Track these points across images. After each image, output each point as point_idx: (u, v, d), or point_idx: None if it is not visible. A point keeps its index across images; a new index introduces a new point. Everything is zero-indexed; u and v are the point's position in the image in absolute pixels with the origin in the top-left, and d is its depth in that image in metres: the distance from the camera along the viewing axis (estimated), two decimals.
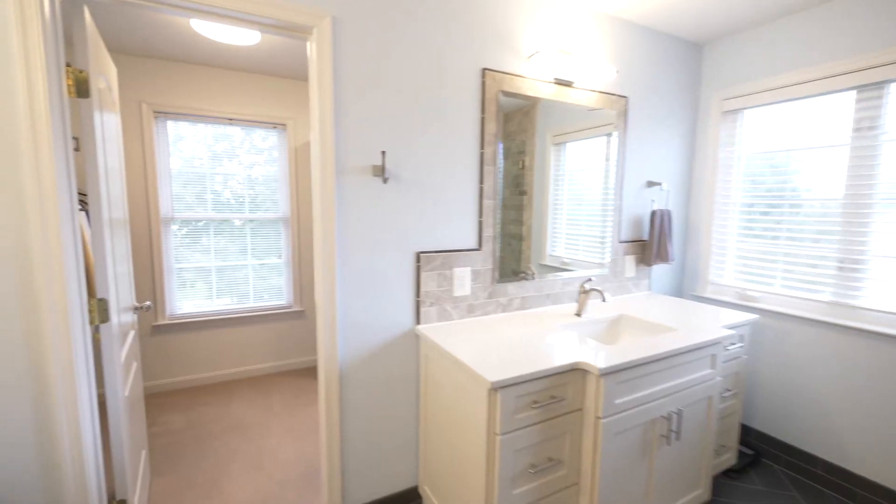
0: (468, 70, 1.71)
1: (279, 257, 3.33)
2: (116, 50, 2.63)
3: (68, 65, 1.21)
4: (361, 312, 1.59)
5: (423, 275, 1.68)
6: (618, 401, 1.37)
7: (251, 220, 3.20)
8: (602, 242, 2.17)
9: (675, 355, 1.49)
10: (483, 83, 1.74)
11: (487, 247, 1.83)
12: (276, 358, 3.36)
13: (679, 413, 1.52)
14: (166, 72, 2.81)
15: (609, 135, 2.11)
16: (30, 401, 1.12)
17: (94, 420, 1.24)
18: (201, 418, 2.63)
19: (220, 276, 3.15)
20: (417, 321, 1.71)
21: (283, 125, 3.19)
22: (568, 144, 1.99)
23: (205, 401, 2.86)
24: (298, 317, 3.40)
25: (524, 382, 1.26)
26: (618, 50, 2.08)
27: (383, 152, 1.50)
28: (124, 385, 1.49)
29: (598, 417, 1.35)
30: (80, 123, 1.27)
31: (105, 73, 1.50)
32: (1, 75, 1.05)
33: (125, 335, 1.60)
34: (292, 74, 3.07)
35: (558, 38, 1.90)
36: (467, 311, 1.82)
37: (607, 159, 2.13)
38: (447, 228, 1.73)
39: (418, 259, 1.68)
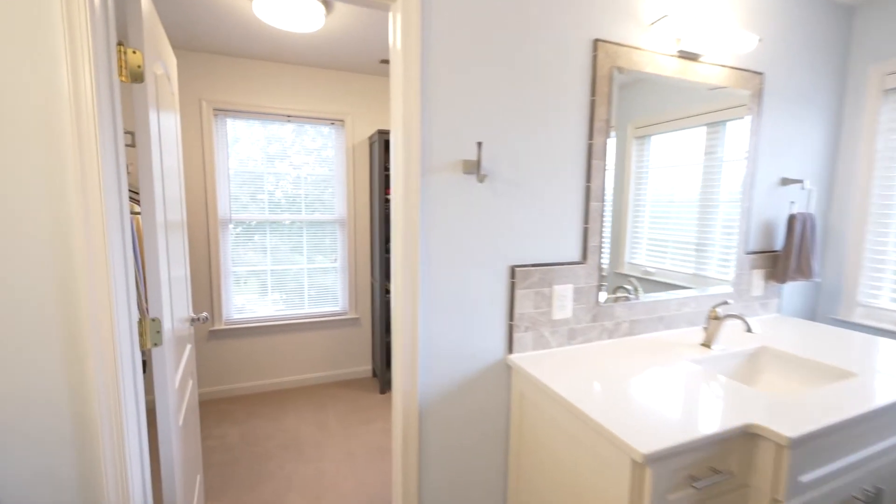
0: (576, 42, 1.38)
1: (334, 261, 3.16)
2: (174, 45, 2.54)
3: (120, 43, 1.02)
4: (445, 338, 1.32)
5: (518, 293, 1.38)
6: (804, 478, 1.00)
7: (306, 222, 3.04)
8: (724, 254, 1.77)
9: (880, 416, 1.09)
10: (594, 58, 1.41)
11: (593, 259, 1.49)
12: (330, 367, 3.19)
13: (878, 493, 1.12)
14: (225, 68, 2.70)
15: (720, 124, 1.70)
16: (70, 449, 0.93)
17: (143, 471, 1.04)
18: (255, 433, 2.48)
19: (274, 280, 3.01)
20: (510, 349, 1.41)
21: (341, 121, 3.00)
22: (654, 137, 1.60)
23: (259, 412, 2.72)
24: (353, 324, 3.21)
25: (681, 454, 0.93)
26: (751, 16, 1.67)
27: (479, 143, 1.21)
28: (178, 412, 1.31)
29: (778, 501, 0.98)
30: (134, 115, 1.08)
31: (163, 59, 1.32)
32: (40, 50, 0.85)
33: (180, 353, 1.42)
34: (350, 67, 2.87)
35: (685, 1, 1.53)
36: (567, 338, 1.49)
37: (722, 151, 1.72)
38: (546, 237, 1.42)
39: (513, 274, 1.38)
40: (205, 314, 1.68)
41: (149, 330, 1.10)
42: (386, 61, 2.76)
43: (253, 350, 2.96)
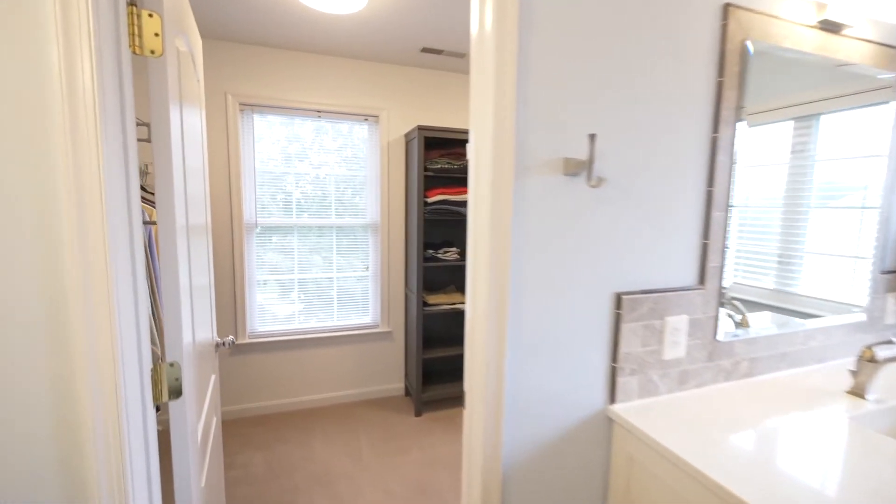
0: (702, 6, 1.08)
1: (366, 269, 2.90)
2: (200, 34, 2.32)
3: (132, 3, 0.77)
4: (533, 384, 1.03)
5: (624, 328, 1.08)
6: None
7: (336, 227, 2.79)
8: (853, 273, 1.43)
9: None
10: (723, 27, 1.10)
11: (712, 284, 1.19)
12: (361, 384, 2.93)
13: None
14: (251, 59, 2.47)
15: (845, 111, 1.37)
16: None
17: None
18: (282, 461, 2.23)
19: (301, 290, 2.77)
20: (611, 398, 1.12)
21: (375, 116, 2.75)
22: (762, 127, 1.28)
23: (285, 435, 2.48)
24: (385, 338, 2.95)
25: None
26: None
27: (592, 136, 0.92)
28: (200, 473, 1.05)
29: None
30: (151, 99, 0.83)
31: (186, 34, 1.07)
32: (15, 10, 0.60)
33: (203, 391, 1.18)
34: (388, 57, 2.61)
35: None
36: (678, 382, 1.19)
37: (848, 146, 1.39)
38: (655, 256, 1.12)
39: (618, 303, 1.08)
40: (231, 338, 1.44)
41: (165, 379, 0.84)
42: (429, 49, 2.49)
43: (278, 366, 2.73)
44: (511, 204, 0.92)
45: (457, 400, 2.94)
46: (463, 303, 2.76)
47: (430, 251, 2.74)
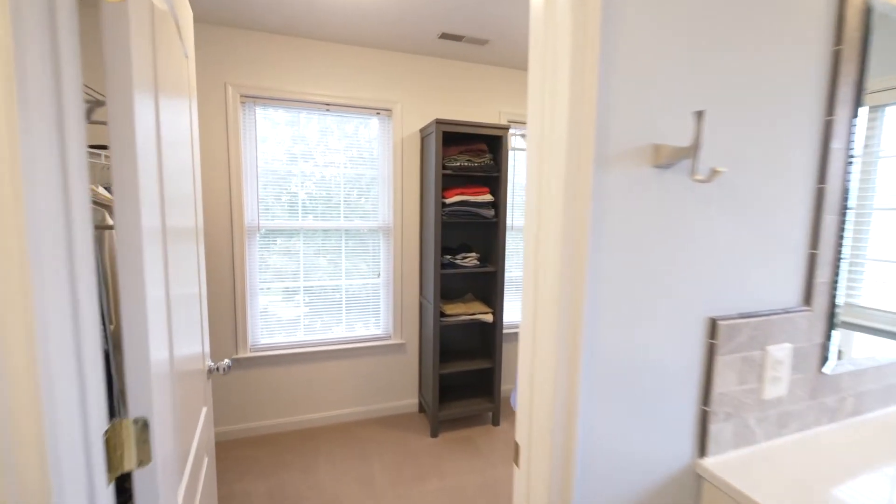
0: None
1: (377, 276, 2.68)
2: (197, 19, 2.11)
3: None
4: (607, 434, 0.80)
5: (719, 362, 0.85)
6: None
7: (345, 230, 2.58)
8: None
9: None
10: None
11: (819, 303, 0.95)
12: (370, 401, 2.71)
13: None
14: (253, 47, 2.26)
15: None
16: None
17: None
18: (285, 490, 2.01)
19: (308, 299, 2.56)
20: (701, 450, 0.88)
21: (388, 110, 2.53)
22: (892, 107, 1.04)
23: (288, 459, 2.26)
24: (397, 351, 2.73)
25: None
26: None
27: (699, 113, 0.69)
28: None
29: None
30: (104, 61, 0.61)
31: None
32: None
33: (190, 434, 0.96)
34: (402, 45, 2.40)
35: None
36: (777, 427, 0.95)
37: None
38: (753, 269, 0.89)
39: (712, 331, 0.85)
40: (226, 362, 1.23)
41: (129, 441, 0.62)
42: (448, 35, 2.27)
43: (281, 381, 2.51)
44: (590, 204, 0.70)
45: (475, 419, 2.71)
46: (484, 313, 2.53)
47: (448, 257, 2.52)
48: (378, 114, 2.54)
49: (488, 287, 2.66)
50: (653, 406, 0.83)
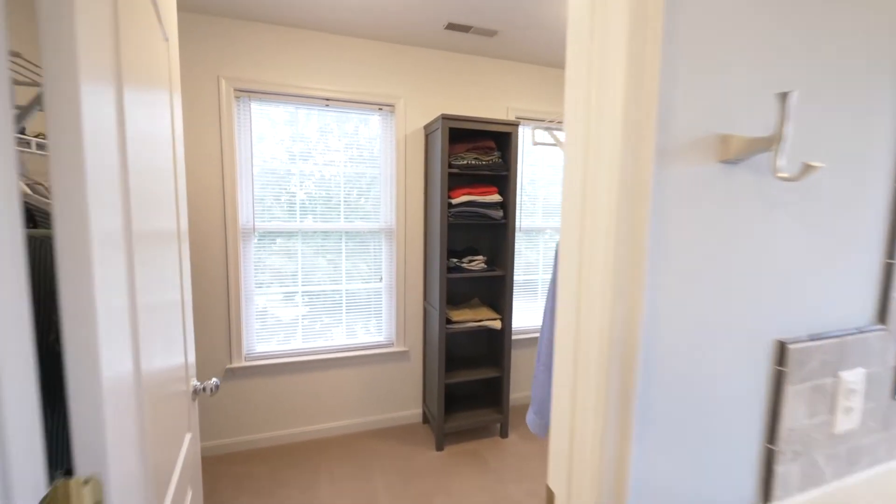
0: None
1: (379, 280, 2.55)
2: (185, 8, 1.98)
3: None
4: (658, 477, 0.67)
5: (788, 391, 0.73)
6: None
7: (345, 232, 2.45)
8: None
9: None
10: None
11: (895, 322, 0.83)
12: (372, 412, 2.58)
13: None
14: (248, 38, 2.13)
15: None
16: None
17: None
18: None
19: (306, 304, 2.43)
20: (765, 495, 0.76)
21: (390, 106, 2.40)
22: None
23: (286, 476, 2.13)
24: (401, 359, 2.60)
25: None
26: None
27: (783, 94, 0.57)
28: None
29: None
30: (43, 45, 0.48)
31: None
32: None
33: (168, 471, 0.83)
34: (405, 37, 2.27)
35: None
36: (847, 463, 0.83)
37: None
38: (824, 282, 0.76)
39: (780, 356, 0.72)
40: (214, 381, 1.11)
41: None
42: (454, 26, 2.14)
43: (278, 391, 2.38)
44: (649, 206, 0.57)
45: (483, 431, 2.58)
46: (492, 319, 2.40)
47: (453, 260, 2.39)
48: (380, 109, 2.41)
49: (496, 291, 2.53)
50: (711, 445, 0.70)
